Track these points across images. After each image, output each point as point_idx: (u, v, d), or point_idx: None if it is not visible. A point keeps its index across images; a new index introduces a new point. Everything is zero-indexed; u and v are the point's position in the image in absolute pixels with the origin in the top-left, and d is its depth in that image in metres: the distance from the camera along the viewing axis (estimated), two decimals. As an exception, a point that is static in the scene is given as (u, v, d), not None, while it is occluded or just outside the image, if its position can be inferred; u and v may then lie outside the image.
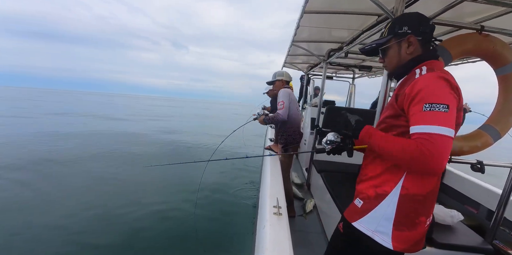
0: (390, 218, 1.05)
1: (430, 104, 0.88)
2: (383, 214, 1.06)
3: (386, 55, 1.17)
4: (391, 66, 1.17)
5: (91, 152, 7.17)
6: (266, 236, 1.42)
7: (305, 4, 1.80)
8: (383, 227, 1.06)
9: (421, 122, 0.88)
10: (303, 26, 2.47)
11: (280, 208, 1.70)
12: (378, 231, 1.07)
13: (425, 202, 1.04)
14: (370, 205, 1.10)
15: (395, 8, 1.41)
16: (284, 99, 2.75)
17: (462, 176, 3.05)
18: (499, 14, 1.69)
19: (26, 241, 2.99)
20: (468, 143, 1.66)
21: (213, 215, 3.99)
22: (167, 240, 3.24)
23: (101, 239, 3.14)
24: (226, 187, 5.18)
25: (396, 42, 1.12)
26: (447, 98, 0.89)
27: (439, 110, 0.87)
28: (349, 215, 1.19)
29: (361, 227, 1.11)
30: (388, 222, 1.05)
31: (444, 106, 0.87)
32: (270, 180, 2.17)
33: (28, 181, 4.78)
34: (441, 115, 0.87)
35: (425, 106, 0.89)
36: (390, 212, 1.05)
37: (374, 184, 1.11)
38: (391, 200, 1.04)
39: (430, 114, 0.87)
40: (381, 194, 1.07)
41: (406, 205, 1.03)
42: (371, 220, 1.09)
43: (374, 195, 1.09)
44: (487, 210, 2.55)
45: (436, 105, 0.87)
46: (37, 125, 11.14)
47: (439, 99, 0.88)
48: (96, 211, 3.80)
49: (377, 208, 1.08)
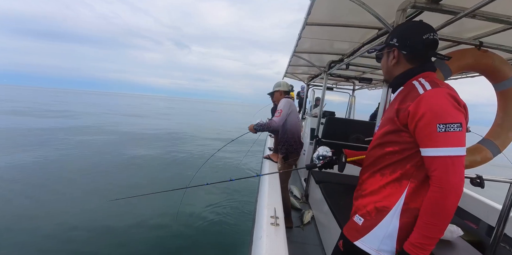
0: (393, 236, 1.01)
1: (445, 124, 0.87)
2: (385, 232, 1.02)
3: (380, 61, 1.21)
4: (383, 72, 1.21)
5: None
6: (263, 247, 1.39)
7: (307, 16, 1.83)
8: (387, 246, 1.02)
9: (437, 144, 0.88)
10: (305, 37, 2.50)
11: (277, 219, 1.68)
12: (381, 249, 1.03)
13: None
14: (372, 222, 1.05)
15: (396, 22, 1.43)
16: (283, 108, 2.77)
17: None
18: (498, 31, 1.72)
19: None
20: (467, 157, 1.65)
21: (209, 225, 3.94)
22: (162, 251, 3.19)
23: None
24: (223, 196, 5.13)
25: (386, 52, 1.14)
26: (458, 116, 0.88)
27: (454, 130, 0.86)
28: (350, 233, 1.14)
29: (364, 246, 1.06)
30: (391, 239, 1.02)
31: (458, 125, 0.87)
32: (268, 190, 2.15)
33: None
34: (456, 135, 0.86)
35: (439, 127, 0.87)
36: (393, 229, 1.01)
37: (375, 199, 1.07)
38: (393, 216, 1.01)
39: (445, 135, 0.87)
40: (382, 210, 1.03)
41: (408, 221, 0.99)
42: (373, 238, 1.05)
43: (375, 211, 1.05)
44: (487, 226, 2.52)
45: (451, 125, 0.87)
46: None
47: (451, 118, 0.87)
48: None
49: (379, 225, 1.04)
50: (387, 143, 1.07)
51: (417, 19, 1.69)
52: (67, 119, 15.51)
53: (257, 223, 1.82)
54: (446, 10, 1.44)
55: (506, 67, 1.57)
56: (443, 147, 0.86)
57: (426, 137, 0.90)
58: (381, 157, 1.09)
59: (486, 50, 1.58)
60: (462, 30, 1.87)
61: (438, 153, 0.87)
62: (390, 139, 1.05)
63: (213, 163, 7.47)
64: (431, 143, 0.89)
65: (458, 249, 1.92)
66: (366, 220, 1.07)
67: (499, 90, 1.67)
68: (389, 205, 1.02)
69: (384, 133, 1.08)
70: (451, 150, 0.86)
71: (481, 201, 2.69)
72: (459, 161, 0.86)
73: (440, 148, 0.87)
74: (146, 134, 12.42)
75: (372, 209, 1.06)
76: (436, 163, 0.88)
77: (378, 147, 1.11)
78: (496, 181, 1.65)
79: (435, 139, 0.88)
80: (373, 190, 1.09)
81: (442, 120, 0.87)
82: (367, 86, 5.32)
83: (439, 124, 0.87)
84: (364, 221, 1.08)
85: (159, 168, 6.83)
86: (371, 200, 1.08)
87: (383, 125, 1.11)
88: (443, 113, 0.88)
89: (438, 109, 0.89)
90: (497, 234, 1.74)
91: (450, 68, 1.55)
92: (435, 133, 0.88)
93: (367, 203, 1.10)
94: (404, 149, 1.00)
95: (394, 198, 1.02)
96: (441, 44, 2.20)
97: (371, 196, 1.09)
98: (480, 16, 1.45)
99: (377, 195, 1.07)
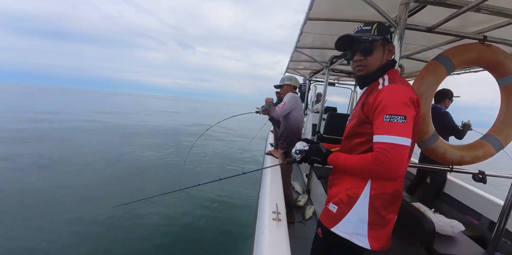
0: (365, 219, 1.11)
1: (390, 115, 0.98)
2: (357, 217, 1.12)
3: (371, 54, 1.15)
4: (372, 68, 1.17)
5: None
6: (265, 242, 1.41)
7: (308, 11, 1.82)
8: (360, 229, 1.11)
9: (381, 132, 0.99)
10: (307, 32, 2.48)
11: (279, 214, 1.69)
12: (355, 233, 1.12)
13: (393, 200, 1.13)
14: (345, 209, 1.15)
15: (398, 17, 1.42)
16: (287, 102, 2.76)
17: (463, 185, 3.02)
18: (502, 25, 1.69)
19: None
20: (469, 153, 1.65)
21: (211, 221, 3.97)
22: (165, 245, 3.22)
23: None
24: (225, 191, 5.15)
25: (382, 46, 1.15)
26: (405, 110, 0.98)
27: (397, 121, 0.97)
28: (326, 221, 1.22)
29: (339, 231, 1.15)
30: (363, 223, 1.11)
31: (402, 117, 0.97)
32: (270, 185, 2.16)
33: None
34: (399, 126, 0.97)
35: (385, 117, 0.98)
36: (364, 214, 1.11)
37: (346, 187, 1.16)
38: (363, 202, 1.11)
39: (389, 125, 0.98)
40: (353, 197, 1.13)
41: (377, 205, 1.10)
42: (347, 223, 1.13)
43: (346, 199, 1.15)
44: (488, 221, 2.52)
45: (395, 117, 0.97)
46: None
47: (397, 111, 0.98)
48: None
49: (351, 211, 1.13)
50: (355, 134, 1.17)
51: (421, 13, 1.67)
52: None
53: (259, 218, 1.83)
54: (450, 3, 1.42)
55: (510, 62, 1.56)
56: (387, 134, 0.97)
57: (375, 125, 1.02)
58: (352, 148, 1.19)
59: (490, 44, 1.57)
60: (465, 24, 1.84)
61: (383, 139, 0.98)
62: (357, 131, 1.15)
63: (211, 161, 7.53)
64: (378, 131, 1.01)
65: (460, 244, 1.93)
66: (340, 207, 1.16)
67: (503, 85, 1.65)
68: (358, 191, 1.12)
69: (353, 126, 1.18)
70: (393, 138, 0.96)
71: (482, 196, 2.69)
72: (395, 149, 0.95)
73: (384, 135, 0.98)
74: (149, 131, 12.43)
75: (344, 197, 1.15)
76: (378, 145, 0.99)
77: (349, 138, 1.22)
78: (498, 176, 1.65)
79: (382, 127, 0.99)
80: (344, 179, 1.19)
81: (389, 112, 0.98)
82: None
83: (386, 115, 0.98)
84: (338, 208, 1.17)
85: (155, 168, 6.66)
86: (343, 188, 1.18)
87: (352, 119, 1.22)
88: (391, 106, 0.99)
89: (388, 102, 1.00)
90: (499, 229, 1.74)
91: (453, 63, 1.54)
92: (382, 122, 0.99)
93: (339, 191, 1.19)
94: (369, 139, 1.08)
95: (362, 184, 1.12)
96: (445, 38, 2.17)
97: (342, 185, 1.19)
98: (485, 10, 1.43)
99: (348, 183, 1.17)
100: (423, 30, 1.58)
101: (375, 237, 1.11)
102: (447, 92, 3.32)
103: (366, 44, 1.14)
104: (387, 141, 0.97)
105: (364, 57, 1.16)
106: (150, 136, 11.23)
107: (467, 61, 1.59)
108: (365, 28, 1.16)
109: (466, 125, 3.26)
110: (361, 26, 1.18)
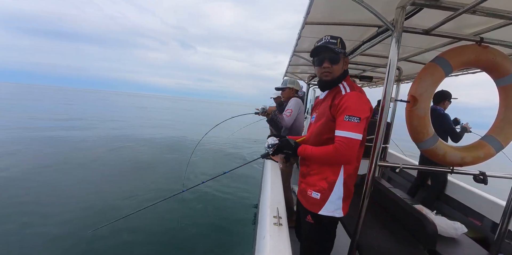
0: (341, 197, 1.44)
1: (349, 116, 1.28)
2: (336, 196, 1.44)
3: (337, 63, 1.45)
4: (335, 74, 1.46)
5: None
6: (266, 247, 1.40)
7: (306, 16, 1.83)
8: (338, 205, 1.45)
9: (341, 128, 1.30)
10: (304, 36, 2.50)
11: (280, 218, 1.68)
12: (335, 209, 1.45)
13: (354, 177, 1.49)
14: (326, 194, 1.44)
15: (395, 20, 1.43)
16: (293, 108, 2.76)
17: (465, 187, 3.01)
18: (498, 26, 1.71)
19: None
20: (470, 154, 1.64)
21: (212, 225, 3.94)
22: (164, 251, 3.19)
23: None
24: (225, 196, 5.13)
25: (343, 58, 1.47)
26: (361, 112, 1.30)
27: (353, 121, 1.28)
28: (313, 207, 1.49)
29: (325, 212, 1.45)
30: (340, 200, 1.45)
31: (357, 118, 1.28)
32: (271, 189, 2.15)
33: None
34: (354, 124, 1.28)
35: (345, 117, 1.29)
36: (340, 193, 1.44)
37: (324, 176, 1.45)
38: (340, 184, 1.43)
39: (347, 123, 1.29)
40: (332, 183, 1.43)
41: (348, 183, 1.45)
42: (330, 205, 1.44)
43: (327, 186, 1.44)
44: (491, 222, 2.51)
45: (352, 117, 1.28)
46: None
47: (356, 113, 1.28)
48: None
49: (332, 195, 1.44)
50: (324, 132, 1.44)
51: (417, 16, 1.69)
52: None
53: (260, 223, 1.82)
54: (446, 6, 1.44)
55: (508, 63, 1.57)
56: (344, 130, 1.29)
57: (337, 123, 1.33)
58: (322, 143, 1.44)
59: (486, 46, 1.58)
60: (462, 26, 1.86)
61: (341, 134, 1.30)
62: (326, 128, 1.43)
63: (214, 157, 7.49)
64: (339, 127, 1.32)
65: (462, 246, 1.92)
66: (322, 194, 1.45)
67: (501, 85, 1.66)
68: (335, 177, 1.43)
69: (321, 124, 1.46)
70: (348, 133, 1.28)
71: (484, 198, 2.68)
72: (350, 142, 1.28)
73: (342, 131, 1.30)
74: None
75: (325, 184, 1.44)
76: (338, 138, 1.31)
77: (318, 135, 1.48)
78: (499, 177, 1.64)
79: (341, 125, 1.31)
80: (321, 169, 1.47)
81: (348, 113, 1.29)
82: (367, 84, 5.32)
83: (346, 115, 1.29)
84: (321, 195, 1.46)
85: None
86: (321, 177, 1.46)
87: (319, 118, 1.50)
88: (350, 109, 1.30)
89: (348, 105, 1.30)
90: (502, 231, 1.73)
91: (451, 64, 1.54)
92: (342, 121, 1.30)
93: (318, 179, 1.47)
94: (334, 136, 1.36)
95: (337, 171, 1.43)
96: (442, 40, 2.19)
97: (320, 174, 1.47)
98: (480, 12, 1.44)
99: (326, 173, 1.45)
100: (420, 32, 1.59)
101: (345, 207, 1.48)
102: (446, 94, 3.34)
103: (335, 55, 1.43)
104: (345, 135, 1.28)
105: (331, 65, 1.44)
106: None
107: (465, 63, 1.59)
108: (332, 40, 1.45)
109: (464, 128, 3.26)
110: (328, 39, 1.45)
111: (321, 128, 1.46)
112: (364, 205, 1.56)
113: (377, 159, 1.50)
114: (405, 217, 2.08)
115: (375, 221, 2.12)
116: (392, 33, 1.44)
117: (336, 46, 1.42)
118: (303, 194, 1.55)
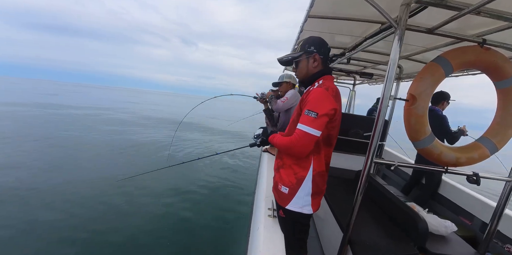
0: (309, 193, 1.46)
1: (308, 111, 1.30)
2: (304, 192, 1.45)
3: (298, 67, 1.54)
4: (301, 75, 1.55)
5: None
6: (260, 238, 1.42)
7: (309, 9, 1.81)
8: (306, 201, 1.46)
9: (300, 121, 1.33)
10: (307, 30, 2.48)
11: (274, 211, 1.70)
12: (304, 205, 1.46)
13: (325, 175, 1.50)
14: (294, 189, 1.46)
15: (399, 17, 1.42)
16: (289, 97, 2.76)
17: (457, 187, 3.05)
18: (501, 29, 1.70)
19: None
20: (465, 154, 1.66)
21: (206, 216, 3.98)
22: (158, 242, 3.23)
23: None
24: (220, 187, 5.18)
25: (306, 58, 1.49)
26: (320, 108, 1.30)
27: (311, 115, 1.29)
28: (283, 202, 1.51)
29: (293, 207, 1.47)
30: (308, 196, 1.46)
31: (315, 113, 1.29)
32: (266, 182, 2.17)
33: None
34: (311, 119, 1.29)
35: (305, 111, 1.31)
36: (309, 189, 1.45)
37: (294, 171, 1.47)
38: (308, 180, 1.45)
39: (306, 117, 1.31)
40: (301, 179, 1.45)
41: (317, 181, 1.45)
42: (298, 200, 1.46)
43: (295, 181, 1.46)
44: (481, 222, 2.56)
45: (311, 112, 1.30)
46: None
47: (314, 108, 1.30)
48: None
49: (300, 190, 1.45)
50: (295, 125, 1.42)
51: (421, 14, 1.68)
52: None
53: (255, 214, 1.84)
54: (451, 5, 1.43)
55: (508, 66, 1.56)
56: (301, 123, 1.31)
57: (301, 116, 1.35)
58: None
59: (488, 47, 1.57)
60: (465, 26, 1.85)
61: (299, 126, 1.32)
62: (297, 122, 1.40)
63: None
64: (299, 120, 1.34)
65: (452, 244, 1.96)
66: (290, 189, 1.47)
67: (500, 88, 1.66)
68: (304, 173, 1.44)
69: (295, 117, 1.49)
70: (304, 127, 1.30)
71: (475, 198, 2.72)
72: (305, 135, 1.29)
73: (300, 124, 1.32)
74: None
75: (294, 180, 1.46)
76: (296, 131, 1.33)
77: (292, 129, 1.47)
78: (492, 178, 1.67)
79: (301, 118, 1.33)
80: (291, 164, 1.49)
81: (308, 107, 1.31)
82: (368, 81, 5.31)
83: (306, 110, 1.31)
84: (289, 189, 1.47)
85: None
86: (291, 172, 1.48)
87: (294, 112, 1.53)
88: (310, 104, 1.32)
89: (309, 100, 1.33)
90: (491, 230, 1.77)
91: (451, 65, 1.54)
92: (303, 114, 1.32)
93: (288, 174, 1.49)
94: None
95: (307, 168, 1.44)
96: (444, 40, 2.18)
97: (291, 169, 1.49)
98: (485, 13, 1.43)
99: (295, 168, 1.47)
100: (423, 31, 1.59)
101: (315, 203, 1.49)
102: (445, 95, 3.34)
103: (292, 61, 1.56)
104: (301, 128, 1.31)
105: (295, 69, 1.57)
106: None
107: (466, 64, 1.59)
108: (295, 47, 1.55)
109: (461, 131, 3.29)
110: (293, 48, 1.59)
111: (294, 123, 1.48)
112: (358, 201, 1.58)
113: (373, 155, 1.51)
114: (397, 214, 2.11)
115: (368, 216, 2.15)
116: (395, 30, 1.43)
117: (294, 52, 1.57)
118: (275, 188, 1.58)
